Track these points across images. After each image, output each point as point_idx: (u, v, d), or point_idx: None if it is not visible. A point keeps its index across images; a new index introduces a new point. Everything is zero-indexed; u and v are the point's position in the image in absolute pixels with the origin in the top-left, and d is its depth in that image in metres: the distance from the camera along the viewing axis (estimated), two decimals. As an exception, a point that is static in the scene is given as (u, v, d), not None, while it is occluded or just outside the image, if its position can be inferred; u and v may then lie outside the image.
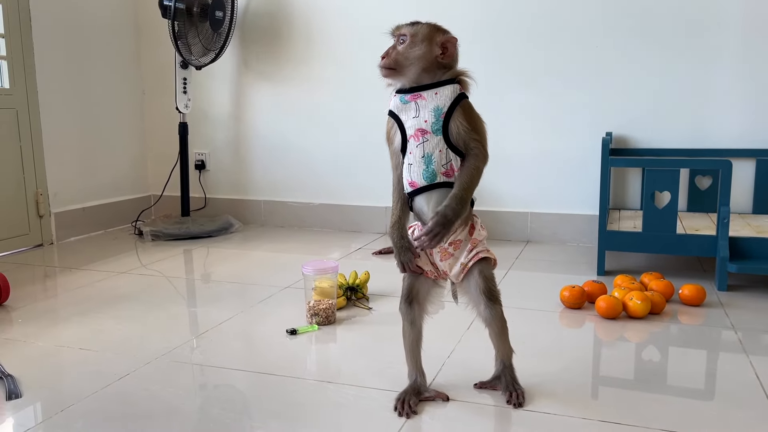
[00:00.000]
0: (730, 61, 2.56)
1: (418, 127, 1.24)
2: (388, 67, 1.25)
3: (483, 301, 1.31)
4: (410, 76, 1.25)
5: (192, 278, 2.40)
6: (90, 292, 2.18)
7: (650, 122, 2.68)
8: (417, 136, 1.24)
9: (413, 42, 1.25)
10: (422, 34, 1.25)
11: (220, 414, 1.31)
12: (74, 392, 1.41)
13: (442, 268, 1.32)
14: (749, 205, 2.59)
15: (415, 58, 1.24)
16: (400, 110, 1.27)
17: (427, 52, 1.24)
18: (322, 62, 3.13)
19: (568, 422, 1.26)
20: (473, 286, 1.31)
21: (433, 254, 1.31)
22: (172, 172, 3.29)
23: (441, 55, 1.24)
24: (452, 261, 1.31)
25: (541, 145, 2.83)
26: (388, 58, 1.26)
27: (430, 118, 1.23)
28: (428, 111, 1.24)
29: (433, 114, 1.23)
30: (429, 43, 1.24)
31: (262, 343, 1.72)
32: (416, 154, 1.25)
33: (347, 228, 3.19)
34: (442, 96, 1.24)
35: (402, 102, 1.27)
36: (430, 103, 1.24)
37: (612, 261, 2.45)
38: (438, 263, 1.32)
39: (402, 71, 1.25)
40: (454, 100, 1.23)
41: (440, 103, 1.23)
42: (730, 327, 1.79)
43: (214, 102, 3.35)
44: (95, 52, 3.15)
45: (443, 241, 1.26)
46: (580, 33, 2.72)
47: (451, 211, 1.21)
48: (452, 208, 1.22)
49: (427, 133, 1.24)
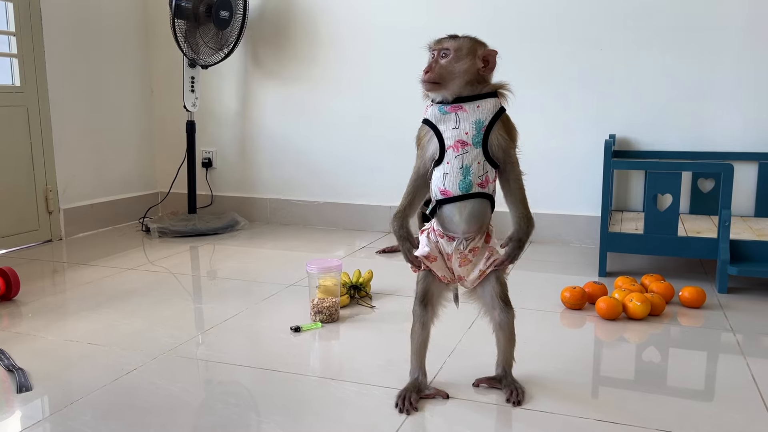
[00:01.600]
0: (733, 64, 2.57)
1: (459, 138, 1.27)
2: (432, 81, 1.27)
3: (499, 305, 1.35)
4: (454, 89, 1.28)
5: (198, 275, 2.43)
6: (98, 287, 2.22)
7: (653, 124, 2.70)
8: (457, 147, 1.27)
9: (457, 56, 1.27)
10: (466, 47, 1.27)
11: (225, 409, 1.34)
12: (82, 386, 1.45)
13: (459, 273, 1.36)
14: (751, 208, 2.60)
15: (460, 72, 1.27)
16: (438, 120, 1.29)
17: (471, 66, 1.27)
18: (329, 62, 3.16)
19: (567, 421, 1.29)
20: (489, 292, 1.36)
21: (452, 260, 1.34)
22: (179, 170, 3.32)
23: (483, 68, 1.28)
24: (470, 267, 1.35)
25: (545, 146, 2.85)
26: (433, 72, 1.27)
27: (471, 131, 1.26)
28: (469, 123, 1.27)
29: (474, 127, 1.26)
30: (472, 56, 1.27)
31: (267, 340, 1.75)
32: (454, 165, 1.27)
33: (352, 227, 3.22)
34: (483, 109, 1.27)
35: (441, 112, 1.28)
36: (471, 115, 1.27)
37: (614, 262, 2.47)
38: (456, 269, 1.35)
39: (446, 85, 1.27)
40: (496, 113, 1.27)
41: (482, 117, 1.27)
42: (729, 329, 1.81)
43: (221, 100, 3.39)
44: (104, 51, 3.18)
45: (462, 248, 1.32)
46: (584, 35, 2.74)
47: (525, 235, 1.31)
48: (525, 232, 1.31)
49: (467, 145, 1.27)
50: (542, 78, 2.82)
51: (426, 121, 1.31)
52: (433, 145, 1.29)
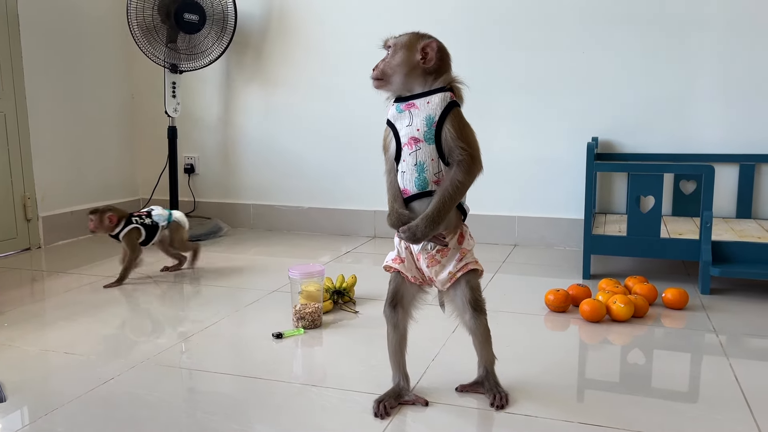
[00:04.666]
0: (714, 67, 2.59)
1: (411, 135, 1.26)
2: (376, 78, 1.30)
3: (469, 310, 1.33)
4: (396, 84, 1.29)
5: (180, 282, 2.40)
6: (77, 296, 2.18)
7: (635, 127, 2.71)
8: (410, 144, 1.26)
9: (395, 51, 1.29)
10: (402, 42, 1.29)
11: (206, 417, 1.32)
12: (59, 396, 1.41)
13: (428, 275, 1.34)
14: (733, 210, 2.62)
15: (396, 66, 1.28)
16: (396, 119, 1.29)
17: (407, 59, 1.27)
18: (312, 67, 3.14)
19: (551, 425, 1.28)
20: (459, 296, 1.34)
21: (419, 260, 1.33)
22: (161, 176, 3.28)
23: (422, 60, 1.26)
24: (439, 268, 1.33)
25: (528, 150, 2.85)
26: (377, 69, 1.30)
27: (422, 127, 1.26)
28: (420, 119, 1.26)
29: (425, 122, 1.25)
30: (409, 49, 1.28)
31: (248, 347, 1.72)
32: (409, 162, 1.27)
33: (336, 232, 3.20)
34: (433, 104, 1.26)
35: (398, 111, 1.29)
36: (422, 111, 1.26)
37: (597, 265, 2.47)
38: (424, 269, 1.34)
39: (388, 80, 1.29)
40: (445, 108, 1.25)
41: (431, 112, 1.25)
42: (712, 330, 1.81)
43: (203, 106, 3.36)
44: (84, 56, 3.15)
45: (429, 249, 1.29)
46: (566, 39, 2.75)
47: (419, 232, 1.24)
48: (421, 230, 1.24)
49: (419, 142, 1.26)
50: (525, 82, 2.82)
51: (387, 121, 1.32)
52: (393, 144, 1.30)
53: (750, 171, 2.56)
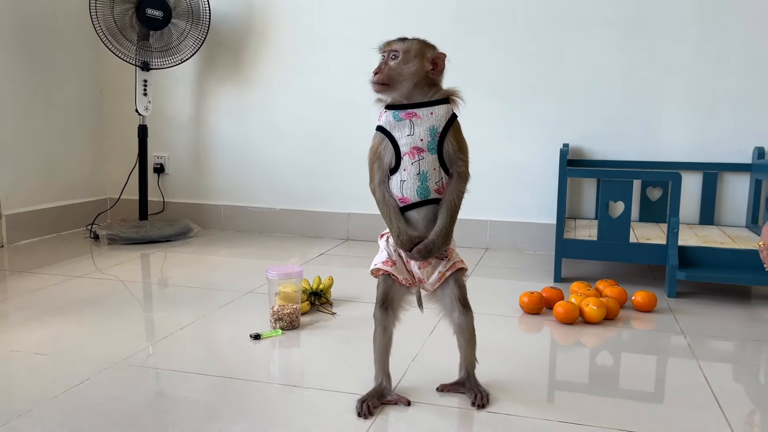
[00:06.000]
0: (681, 78, 2.67)
1: (414, 145, 1.27)
2: (381, 83, 1.27)
3: (458, 308, 1.36)
4: (402, 91, 1.28)
5: (151, 283, 2.36)
6: (44, 296, 2.13)
7: (604, 135, 2.77)
8: (413, 154, 1.27)
9: (406, 58, 1.28)
10: (414, 50, 1.28)
11: (186, 419, 1.30)
12: (30, 399, 1.37)
13: (419, 276, 1.36)
14: (696, 216, 2.70)
15: (408, 74, 1.27)
16: (393, 127, 1.29)
17: (420, 68, 1.28)
18: (284, 67, 3.13)
19: (531, 423, 1.30)
20: (448, 294, 1.36)
21: (410, 263, 1.35)
22: (130, 175, 3.22)
23: (432, 70, 1.29)
24: (430, 269, 1.35)
25: (500, 155, 2.89)
26: (381, 73, 1.27)
27: (426, 137, 1.27)
28: (424, 130, 1.27)
29: (429, 133, 1.27)
30: (421, 58, 1.28)
31: (226, 348, 1.71)
32: (411, 171, 1.28)
33: (308, 234, 3.19)
34: (437, 116, 1.28)
35: (395, 119, 1.29)
36: (425, 122, 1.27)
37: (567, 268, 2.52)
38: (415, 271, 1.36)
39: (395, 86, 1.28)
40: (448, 120, 1.28)
41: (435, 123, 1.27)
42: (680, 332, 1.86)
43: (174, 105, 3.31)
44: (51, 51, 3.07)
45: None
46: (538, 47, 2.80)
47: (436, 247, 1.28)
48: (437, 245, 1.28)
49: (423, 152, 1.27)
50: (498, 89, 2.86)
51: (380, 128, 1.30)
52: (389, 152, 1.29)
53: (713, 179, 2.65)
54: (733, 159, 2.64)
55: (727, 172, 2.66)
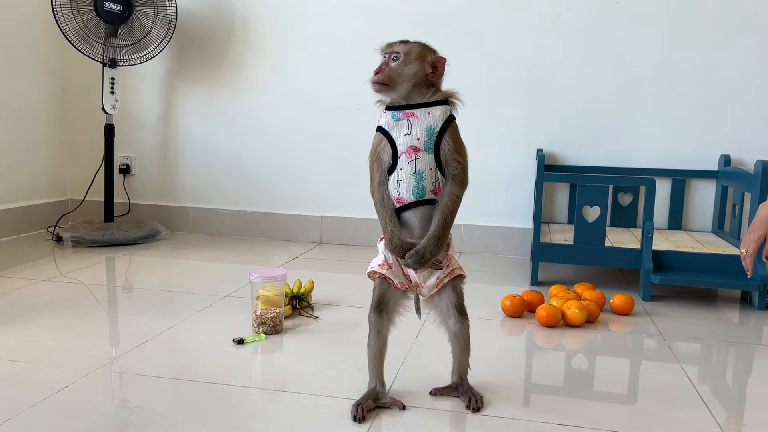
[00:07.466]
0: (651, 85, 2.74)
1: (411, 144, 1.27)
2: (381, 83, 1.28)
3: (454, 315, 1.35)
4: (402, 92, 1.29)
5: (121, 286, 2.28)
6: (9, 300, 2.03)
7: (576, 141, 2.82)
8: (409, 153, 1.27)
9: (407, 60, 1.28)
10: (415, 52, 1.29)
11: (177, 425, 1.25)
12: (9, 406, 1.31)
13: (416, 281, 1.35)
14: (665, 222, 2.77)
15: (408, 76, 1.28)
16: (391, 127, 1.29)
17: (420, 70, 1.29)
18: (257, 67, 3.08)
19: (527, 426, 1.30)
20: (445, 301, 1.36)
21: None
22: (95, 176, 3.12)
23: (432, 73, 1.29)
24: (427, 274, 1.34)
25: (474, 160, 2.89)
26: (382, 73, 1.28)
27: (422, 137, 1.27)
28: (421, 129, 1.27)
29: (426, 133, 1.27)
30: (421, 61, 1.29)
31: (209, 353, 1.66)
32: (407, 171, 1.27)
33: (280, 237, 3.14)
34: (434, 116, 1.28)
35: (394, 119, 1.29)
36: (423, 122, 1.27)
37: (542, 272, 2.54)
38: (412, 275, 1.34)
39: (395, 87, 1.29)
40: (446, 120, 1.28)
41: (433, 123, 1.27)
42: (658, 334, 1.90)
43: (140, 103, 3.22)
44: (9, 46, 2.95)
45: None
46: (513, 52, 2.83)
47: (428, 253, 1.27)
48: (430, 251, 1.27)
49: (419, 151, 1.27)
50: (473, 94, 2.87)
51: (380, 128, 1.31)
52: (387, 152, 1.29)
53: (681, 185, 2.73)
54: (701, 166, 2.72)
55: (695, 178, 2.74)
